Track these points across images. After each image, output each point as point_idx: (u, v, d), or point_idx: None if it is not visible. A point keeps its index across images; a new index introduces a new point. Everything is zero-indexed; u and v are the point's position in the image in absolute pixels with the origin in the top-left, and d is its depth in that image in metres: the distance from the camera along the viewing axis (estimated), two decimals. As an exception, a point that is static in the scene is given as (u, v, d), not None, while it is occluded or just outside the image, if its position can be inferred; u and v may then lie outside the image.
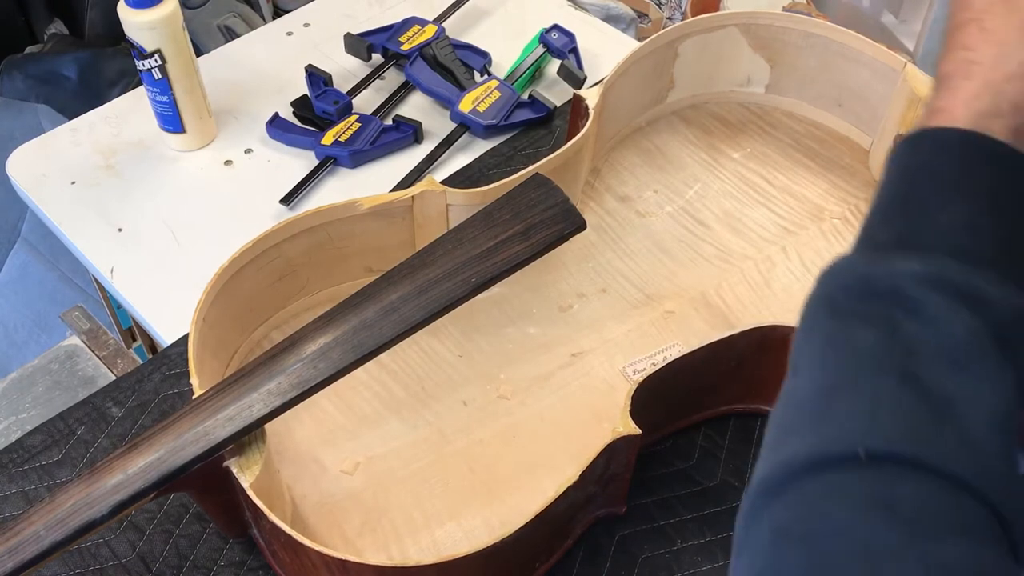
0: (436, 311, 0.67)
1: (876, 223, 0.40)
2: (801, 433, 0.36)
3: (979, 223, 0.38)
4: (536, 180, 0.74)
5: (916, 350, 0.35)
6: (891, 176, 0.41)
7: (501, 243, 0.70)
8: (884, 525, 0.32)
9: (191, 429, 0.64)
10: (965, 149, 0.39)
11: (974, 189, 0.38)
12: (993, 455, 0.34)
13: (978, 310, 0.35)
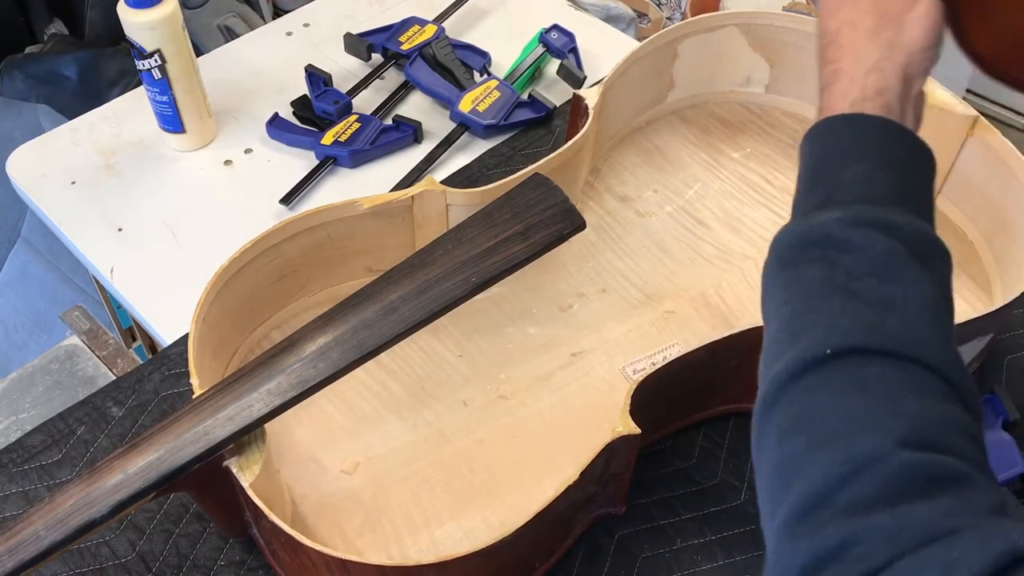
0: (436, 311, 0.67)
1: (801, 197, 0.51)
2: (781, 356, 0.45)
3: (875, 175, 0.48)
4: (536, 180, 0.74)
5: (853, 272, 0.45)
6: (803, 161, 0.52)
7: (501, 243, 0.70)
8: (861, 398, 0.42)
9: (191, 429, 0.64)
10: (851, 126, 0.50)
11: (864, 152, 0.49)
12: (930, 335, 0.44)
13: (890, 233, 0.46)
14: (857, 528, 0.39)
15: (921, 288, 0.45)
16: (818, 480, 0.41)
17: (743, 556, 0.76)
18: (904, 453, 0.40)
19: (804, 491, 0.41)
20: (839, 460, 0.40)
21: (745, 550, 0.76)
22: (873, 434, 0.40)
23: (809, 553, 0.40)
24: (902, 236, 0.46)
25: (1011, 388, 0.85)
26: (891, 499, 0.39)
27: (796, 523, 0.41)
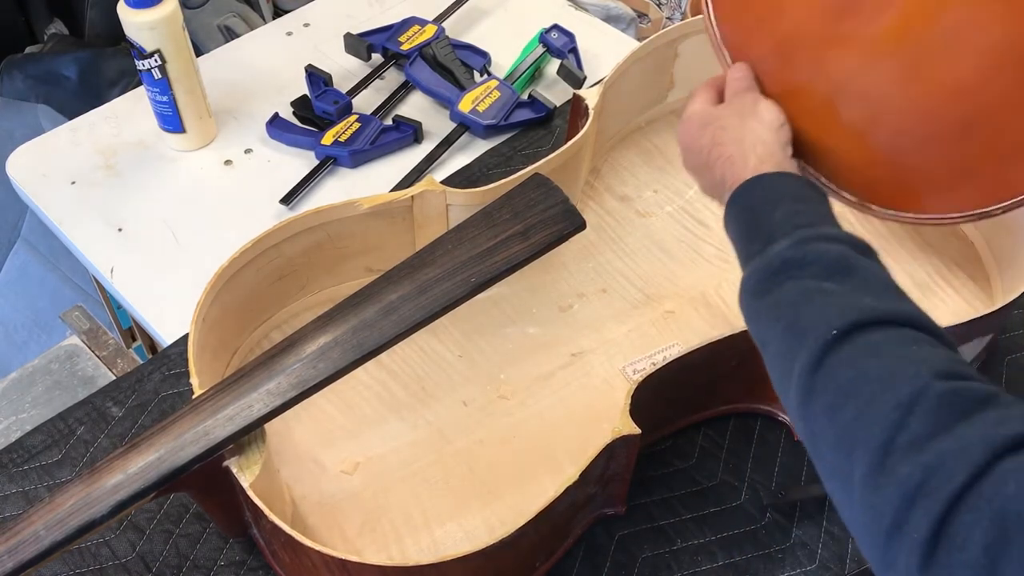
0: (436, 311, 0.67)
1: (745, 249, 0.60)
2: (795, 358, 0.51)
3: (797, 209, 0.59)
4: (536, 180, 0.74)
5: (819, 277, 0.54)
6: (733, 225, 0.62)
7: (501, 243, 0.70)
8: (879, 359, 0.48)
9: (191, 429, 0.64)
10: (761, 184, 0.61)
11: (781, 198, 0.59)
12: (899, 301, 0.52)
13: (833, 241, 0.55)
14: (928, 459, 0.43)
15: (875, 270, 0.55)
16: (877, 434, 0.45)
17: (743, 556, 0.76)
18: (939, 384, 0.45)
19: (869, 447, 0.45)
20: (887, 411, 0.45)
21: (745, 550, 0.76)
22: (904, 380, 0.46)
23: (896, 494, 0.43)
24: (842, 240, 0.56)
25: (1011, 388, 0.85)
26: (945, 424, 0.44)
27: (873, 476, 0.45)
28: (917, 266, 0.94)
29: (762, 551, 0.76)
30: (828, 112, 0.67)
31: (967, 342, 0.81)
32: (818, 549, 0.76)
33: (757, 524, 0.78)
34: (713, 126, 0.67)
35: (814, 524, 0.78)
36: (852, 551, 0.76)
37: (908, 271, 0.94)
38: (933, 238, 0.96)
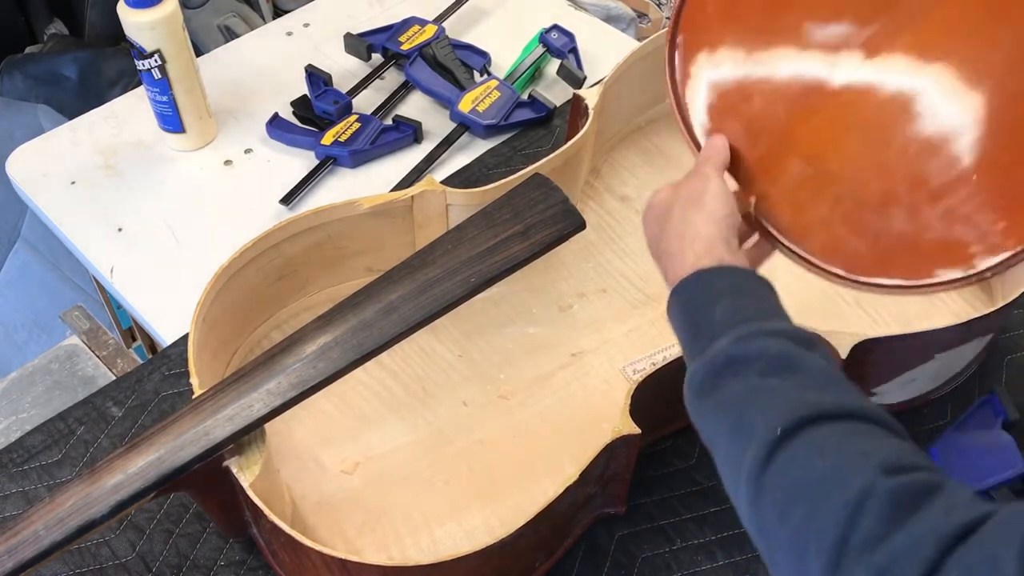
0: (436, 311, 0.67)
1: (689, 347, 0.59)
2: (743, 457, 0.50)
3: (737, 304, 0.57)
4: (536, 180, 0.74)
5: (764, 373, 0.53)
6: (676, 322, 0.61)
7: (501, 243, 0.70)
8: (826, 456, 0.48)
9: (191, 429, 0.64)
10: (700, 280, 0.60)
11: (720, 294, 0.58)
12: (844, 394, 0.51)
13: (774, 336, 0.55)
14: (881, 559, 0.43)
15: (818, 364, 0.53)
16: (828, 536, 0.45)
17: (743, 556, 0.76)
18: (887, 480, 0.45)
19: (822, 550, 0.45)
20: (837, 511, 0.45)
21: (745, 550, 0.76)
22: (852, 477, 0.46)
23: None
24: (784, 335, 0.55)
25: (1011, 388, 0.85)
26: (896, 520, 0.43)
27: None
28: (917, 266, 0.94)
29: (762, 551, 0.76)
30: (797, 185, 0.66)
31: (967, 342, 0.81)
32: (818, 549, 0.76)
33: (757, 524, 0.78)
34: (662, 219, 0.66)
35: (814, 524, 0.78)
36: (852, 551, 0.76)
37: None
38: (933, 238, 0.96)
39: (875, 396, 0.82)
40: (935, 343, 0.78)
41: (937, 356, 0.80)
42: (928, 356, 0.79)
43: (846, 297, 0.90)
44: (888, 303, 0.90)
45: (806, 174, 0.65)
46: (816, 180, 0.65)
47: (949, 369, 0.84)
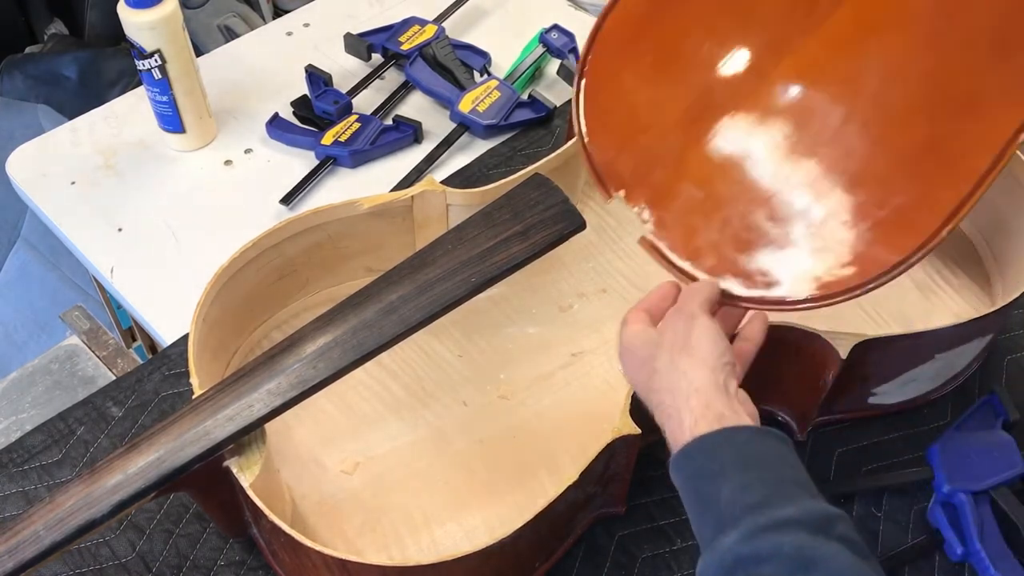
0: (436, 311, 0.67)
1: (696, 528, 0.55)
2: None
3: (745, 482, 0.53)
4: (536, 180, 0.74)
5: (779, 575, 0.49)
6: (682, 490, 0.57)
7: (501, 243, 0.70)
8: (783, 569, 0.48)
9: (191, 429, 0.64)
10: (702, 450, 0.55)
11: (725, 468, 0.54)
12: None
13: (787, 528, 0.50)
14: None
15: (840, 559, 0.49)
16: None
17: (743, 556, 0.76)
18: None
19: None
20: None
21: (745, 550, 0.76)
22: None
23: None
24: (798, 524, 0.50)
25: (1011, 388, 0.85)
26: None
27: None
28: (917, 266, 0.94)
29: (762, 551, 0.76)
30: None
31: (967, 342, 0.81)
32: (818, 549, 0.76)
33: (757, 524, 0.78)
34: (648, 366, 0.61)
35: (814, 524, 0.78)
36: (852, 551, 0.76)
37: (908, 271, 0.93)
38: (933, 238, 0.96)
39: (875, 396, 0.82)
40: (935, 343, 0.78)
41: (937, 356, 0.80)
42: (928, 356, 0.79)
43: (846, 297, 0.90)
44: (888, 303, 0.90)
45: (697, 198, 0.66)
46: (707, 204, 0.66)
47: (949, 369, 0.84)
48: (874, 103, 0.63)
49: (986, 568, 0.72)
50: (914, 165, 0.62)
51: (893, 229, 0.61)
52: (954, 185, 0.60)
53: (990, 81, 0.63)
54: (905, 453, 0.82)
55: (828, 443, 0.83)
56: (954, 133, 0.62)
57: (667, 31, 0.71)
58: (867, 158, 0.62)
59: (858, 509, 0.79)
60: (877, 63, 0.64)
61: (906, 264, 0.61)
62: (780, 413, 0.83)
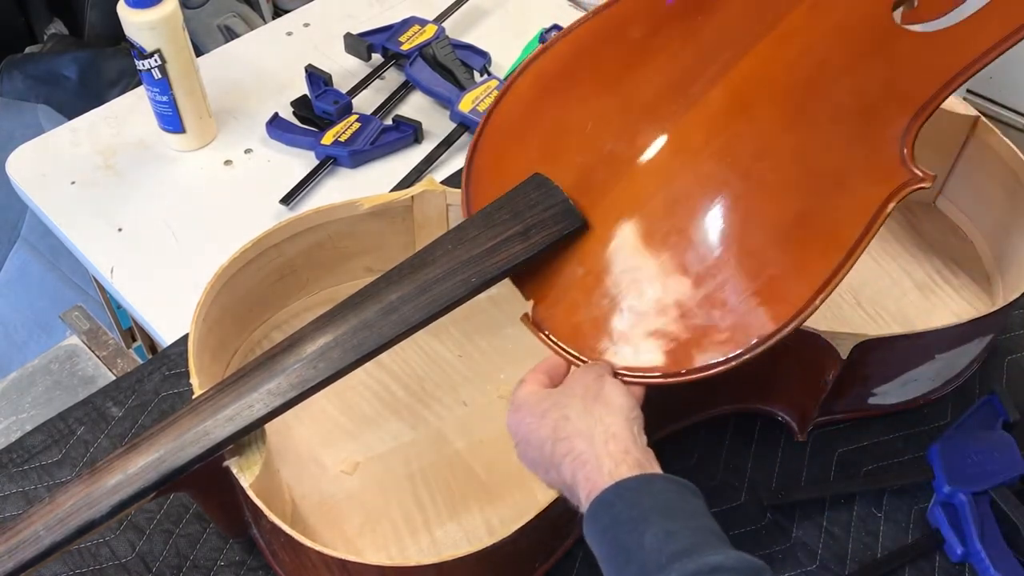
0: (436, 311, 0.67)
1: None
2: None
3: (669, 529, 0.51)
4: (536, 180, 0.74)
5: None
6: (599, 543, 0.54)
7: (501, 243, 0.70)
8: None
9: (191, 429, 0.64)
10: (622, 497, 0.53)
11: (648, 514, 0.52)
12: None
13: (716, 574, 0.49)
14: None
15: None
16: None
17: (743, 556, 0.76)
18: None
19: None
20: None
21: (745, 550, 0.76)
22: None
23: None
24: (730, 571, 0.50)
25: (1011, 388, 0.85)
26: None
27: None
28: (917, 266, 0.94)
29: (762, 551, 0.76)
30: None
31: (967, 342, 0.81)
32: (818, 549, 0.76)
33: (757, 524, 0.78)
34: (553, 414, 0.59)
35: (814, 524, 0.78)
36: (852, 551, 0.76)
37: (908, 271, 0.93)
38: (933, 238, 0.96)
39: (875, 396, 0.82)
40: (935, 343, 0.78)
41: (937, 356, 0.80)
42: (928, 356, 0.79)
43: (846, 297, 0.90)
44: (888, 303, 0.90)
45: (578, 275, 0.67)
46: (588, 280, 0.66)
47: (949, 369, 0.84)
48: (746, 178, 0.65)
49: (986, 568, 0.72)
50: (786, 238, 0.64)
51: (767, 300, 0.62)
52: (826, 256, 0.62)
53: (856, 158, 0.65)
54: (905, 453, 0.82)
55: (828, 443, 0.83)
56: (824, 207, 0.64)
57: (554, 116, 0.73)
58: (740, 232, 0.64)
59: (858, 509, 0.79)
60: (749, 140, 0.67)
61: (780, 334, 0.62)
62: (780, 413, 0.83)
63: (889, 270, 0.93)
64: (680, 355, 0.63)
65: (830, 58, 0.68)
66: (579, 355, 0.67)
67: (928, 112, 0.65)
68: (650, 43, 0.73)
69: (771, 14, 0.70)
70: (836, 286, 0.62)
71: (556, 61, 0.75)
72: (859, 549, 0.76)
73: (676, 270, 0.65)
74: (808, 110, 0.67)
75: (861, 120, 0.66)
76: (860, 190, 0.63)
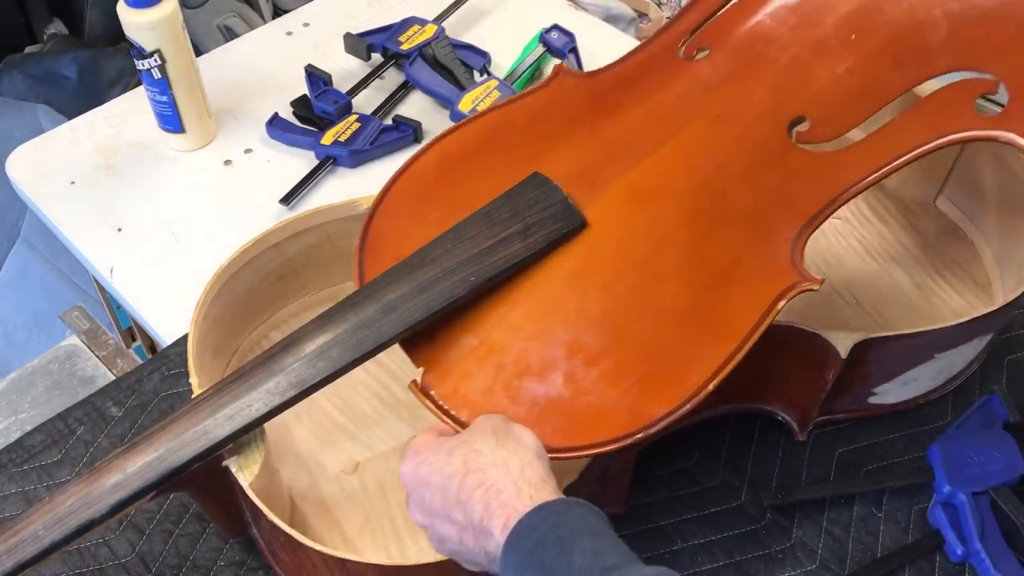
0: (436, 310, 0.67)
1: None
2: None
3: (597, 547, 0.50)
4: (535, 180, 0.74)
5: None
6: (521, 570, 0.51)
7: (500, 242, 0.70)
8: None
9: (190, 428, 0.64)
10: (545, 519, 0.52)
11: (573, 532, 0.51)
12: None
13: None
14: None
15: None
16: None
17: (743, 556, 0.76)
18: None
19: None
20: None
21: (745, 550, 0.76)
22: None
23: None
24: None
25: (1012, 388, 0.85)
26: None
27: None
28: (917, 266, 0.94)
29: (762, 551, 0.76)
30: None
31: (967, 342, 0.81)
32: (818, 549, 0.76)
33: (757, 524, 0.78)
34: (462, 450, 0.57)
35: (814, 524, 0.78)
36: (852, 551, 0.76)
37: (908, 271, 0.93)
38: (933, 238, 0.96)
39: (875, 396, 0.82)
40: (935, 343, 0.78)
41: (937, 356, 0.80)
42: (928, 356, 0.79)
43: (846, 297, 0.90)
44: (888, 303, 0.90)
45: (471, 344, 0.67)
46: (481, 350, 0.66)
47: (950, 369, 0.84)
48: (644, 266, 0.68)
49: (987, 569, 0.72)
50: (682, 325, 0.66)
51: (660, 383, 0.64)
52: (719, 344, 0.65)
53: (751, 257, 0.68)
54: (905, 453, 0.82)
55: (828, 443, 0.83)
56: (719, 299, 0.67)
57: (457, 192, 0.75)
58: (638, 316, 0.66)
59: (858, 509, 0.79)
60: (650, 232, 0.69)
61: (671, 418, 0.63)
62: (780, 413, 0.83)
63: (889, 270, 0.93)
64: (571, 433, 0.63)
65: (729, 165, 0.73)
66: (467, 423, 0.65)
67: (818, 222, 0.70)
68: (559, 132, 0.77)
69: (678, 119, 0.75)
70: (728, 373, 0.64)
71: (462, 143, 0.78)
72: (859, 549, 0.76)
73: (572, 349, 0.65)
74: (707, 209, 0.70)
75: (756, 224, 0.70)
76: (753, 286, 0.67)
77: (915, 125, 0.72)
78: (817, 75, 0.76)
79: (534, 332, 0.66)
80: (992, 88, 0.72)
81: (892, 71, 0.75)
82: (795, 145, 0.74)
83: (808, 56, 0.77)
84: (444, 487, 0.57)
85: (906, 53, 0.76)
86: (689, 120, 0.75)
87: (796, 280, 0.67)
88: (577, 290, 0.68)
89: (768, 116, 0.75)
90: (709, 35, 0.81)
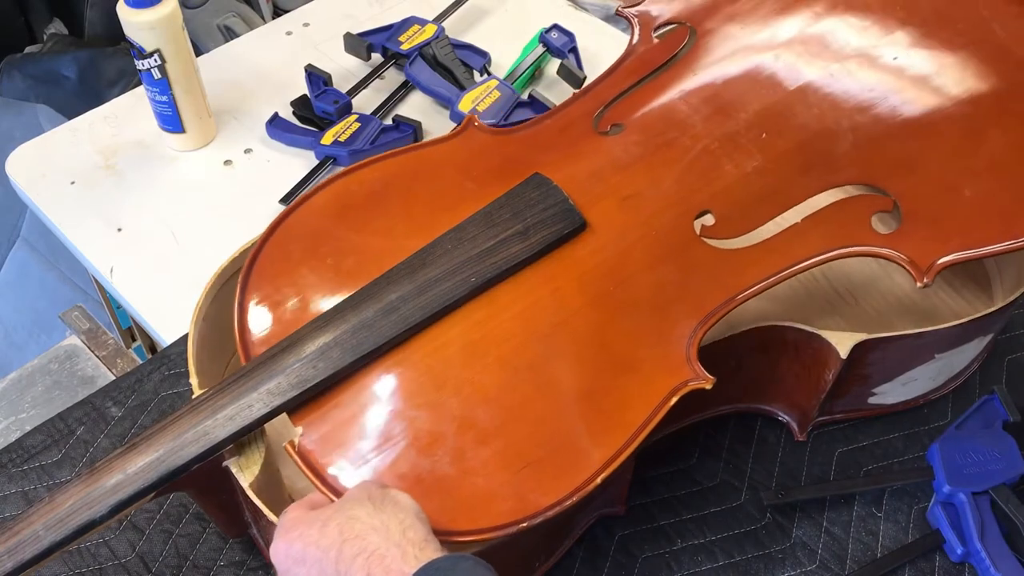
0: (436, 311, 0.67)
1: None
2: None
3: None
4: (536, 180, 0.74)
5: None
6: None
7: (501, 243, 0.70)
8: None
9: (190, 429, 0.64)
10: (437, 572, 0.50)
11: None
12: None
13: None
14: None
15: None
16: None
17: (743, 556, 0.76)
18: None
19: None
20: None
21: (745, 550, 0.76)
22: None
23: None
24: None
25: (1012, 388, 0.85)
26: None
27: None
28: (917, 266, 0.94)
29: (762, 551, 0.76)
30: None
31: (967, 342, 0.81)
32: (818, 549, 0.76)
33: (757, 524, 0.78)
34: (338, 518, 0.55)
35: (814, 524, 0.78)
36: (852, 551, 0.76)
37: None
38: (933, 238, 0.96)
39: (875, 396, 0.82)
40: (935, 343, 0.78)
41: (937, 356, 0.80)
42: (928, 356, 0.79)
43: (846, 297, 0.90)
44: (888, 303, 0.90)
45: (359, 406, 0.65)
46: (369, 414, 0.65)
47: (949, 369, 0.84)
48: (545, 343, 0.67)
49: (987, 568, 0.72)
50: (577, 409, 0.64)
51: (552, 471, 0.62)
52: (612, 433, 0.63)
53: (649, 347, 0.67)
54: (905, 453, 0.82)
55: (828, 443, 0.83)
56: (615, 385, 0.66)
57: (349, 242, 0.73)
58: (532, 396, 0.65)
59: (858, 509, 0.79)
60: (551, 310, 0.68)
61: (558, 508, 0.61)
62: (780, 413, 0.83)
63: (889, 270, 0.93)
64: (455, 515, 0.61)
65: (634, 251, 0.71)
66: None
67: (713, 321, 0.69)
68: (462, 193, 0.75)
69: (587, 196, 0.73)
70: (617, 466, 0.62)
71: (362, 183, 0.76)
72: (859, 549, 0.76)
73: (464, 425, 0.63)
74: (611, 294, 0.69)
75: (656, 314, 0.69)
76: (649, 377, 0.66)
77: (813, 235, 0.72)
78: (725, 170, 0.75)
79: (425, 402, 0.64)
80: (888, 206, 0.73)
81: (799, 175, 0.75)
82: (699, 239, 0.72)
83: (718, 149, 0.76)
84: (320, 560, 0.54)
85: (814, 159, 0.75)
86: (598, 199, 0.74)
87: (689, 377, 0.66)
88: (474, 361, 0.66)
89: (675, 205, 0.74)
90: (624, 111, 0.80)
